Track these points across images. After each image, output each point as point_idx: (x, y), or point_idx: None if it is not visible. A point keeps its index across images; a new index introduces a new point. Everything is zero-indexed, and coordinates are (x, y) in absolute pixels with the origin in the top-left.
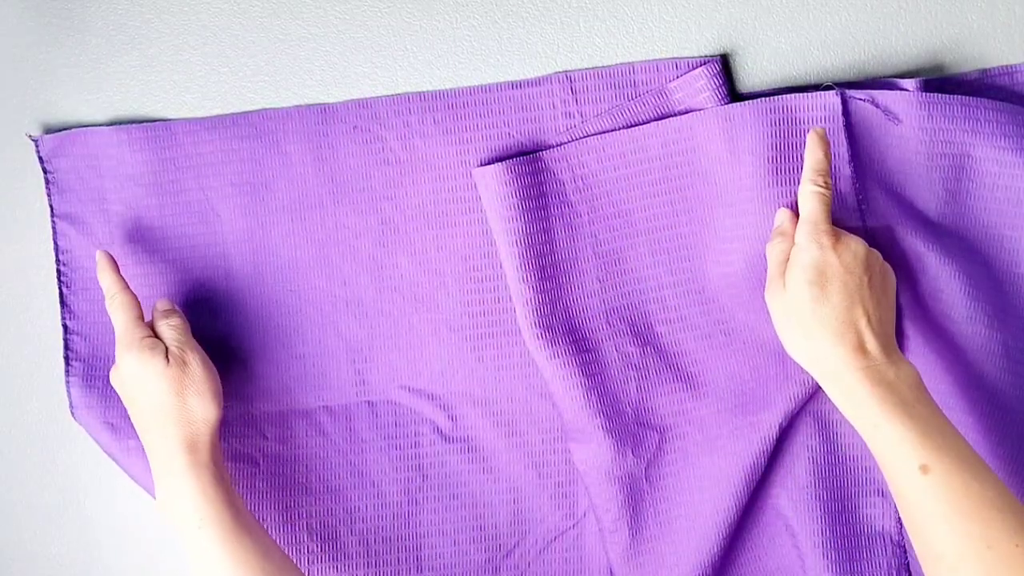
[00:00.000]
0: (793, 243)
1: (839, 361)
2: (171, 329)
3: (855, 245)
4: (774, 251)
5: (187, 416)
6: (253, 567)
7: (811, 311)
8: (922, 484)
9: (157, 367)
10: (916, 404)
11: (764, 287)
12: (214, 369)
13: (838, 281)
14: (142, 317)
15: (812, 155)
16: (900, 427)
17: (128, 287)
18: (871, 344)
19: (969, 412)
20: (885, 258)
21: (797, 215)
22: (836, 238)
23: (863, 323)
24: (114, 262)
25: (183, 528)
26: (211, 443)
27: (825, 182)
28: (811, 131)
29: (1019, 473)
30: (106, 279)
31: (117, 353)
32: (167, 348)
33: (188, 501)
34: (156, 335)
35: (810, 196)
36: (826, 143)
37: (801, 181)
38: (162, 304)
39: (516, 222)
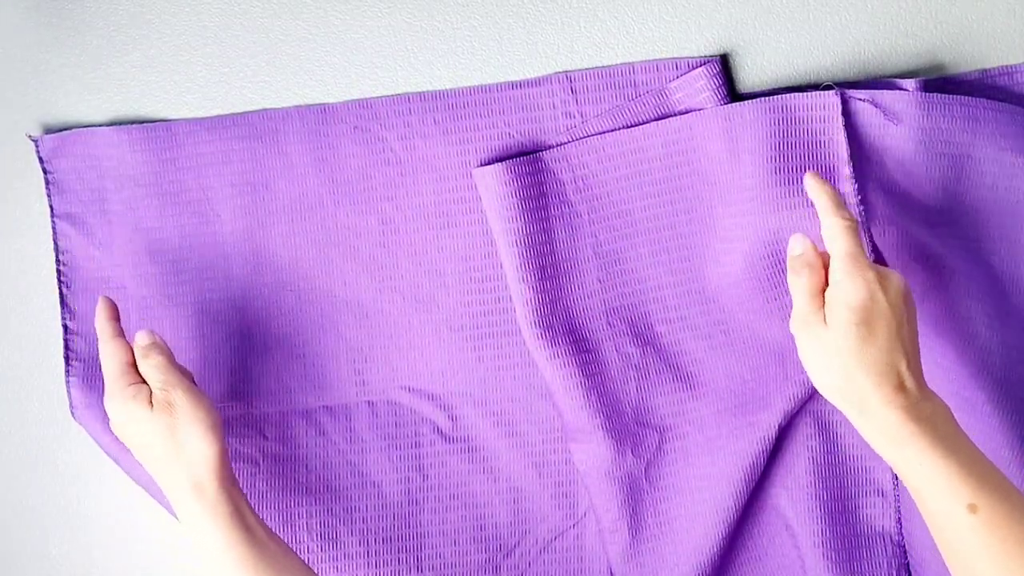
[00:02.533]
0: (822, 276)
1: (880, 401)
2: (153, 369)
3: (896, 279)
4: (802, 284)
5: (185, 458)
6: None
7: (857, 352)
8: (969, 523)
9: (142, 414)
10: (954, 438)
11: (764, 287)
12: (206, 401)
13: (884, 321)
14: (132, 363)
15: (821, 192)
16: (944, 464)
17: (120, 334)
18: (909, 382)
19: (970, 411)
20: (885, 259)
21: (812, 243)
22: (878, 273)
23: (903, 363)
24: (114, 307)
25: (207, 562)
26: (218, 477)
27: (848, 214)
28: (805, 175)
29: (1021, 474)
30: (100, 324)
31: (105, 404)
32: (151, 392)
33: (207, 542)
34: (142, 378)
35: (841, 230)
36: (823, 179)
37: (821, 218)
38: (142, 339)
39: (516, 222)
